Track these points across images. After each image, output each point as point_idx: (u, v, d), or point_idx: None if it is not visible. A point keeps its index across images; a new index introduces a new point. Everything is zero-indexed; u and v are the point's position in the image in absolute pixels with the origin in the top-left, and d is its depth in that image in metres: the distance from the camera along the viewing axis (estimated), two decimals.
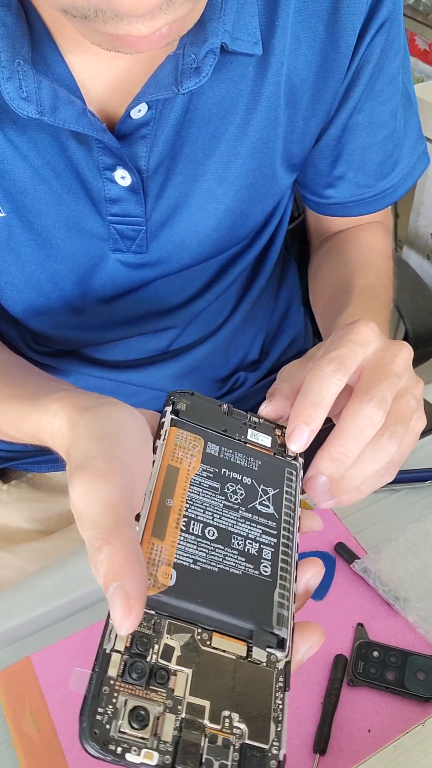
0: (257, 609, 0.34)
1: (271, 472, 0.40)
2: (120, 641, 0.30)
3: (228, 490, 0.38)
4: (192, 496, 0.36)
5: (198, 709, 0.30)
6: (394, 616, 0.58)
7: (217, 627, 0.33)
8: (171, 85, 0.50)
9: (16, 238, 0.59)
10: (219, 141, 0.58)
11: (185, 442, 0.39)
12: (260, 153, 0.60)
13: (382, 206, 0.72)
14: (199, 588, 0.33)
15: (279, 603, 0.35)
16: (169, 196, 0.59)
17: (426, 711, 0.53)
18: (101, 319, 0.68)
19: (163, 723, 0.29)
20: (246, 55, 0.53)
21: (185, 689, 0.30)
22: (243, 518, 0.37)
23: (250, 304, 0.77)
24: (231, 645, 0.33)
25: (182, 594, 0.32)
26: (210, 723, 0.30)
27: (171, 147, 0.56)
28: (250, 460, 0.40)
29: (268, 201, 0.66)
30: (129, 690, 0.29)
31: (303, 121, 0.61)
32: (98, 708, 0.28)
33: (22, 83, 0.48)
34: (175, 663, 0.30)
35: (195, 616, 0.32)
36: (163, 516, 0.35)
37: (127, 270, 0.63)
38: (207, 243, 0.64)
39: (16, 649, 0.57)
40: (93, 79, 0.53)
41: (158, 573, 0.33)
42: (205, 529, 0.35)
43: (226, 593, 0.34)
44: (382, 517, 0.66)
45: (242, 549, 0.36)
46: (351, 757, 0.51)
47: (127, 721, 0.28)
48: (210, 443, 0.39)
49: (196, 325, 0.74)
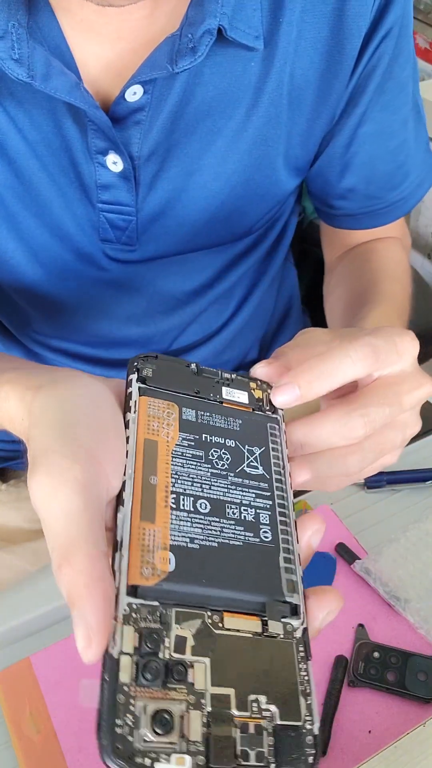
0: (265, 579, 0.32)
1: (253, 430, 0.38)
2: (127, 642, 0.27)
3: (213, 457, 0.35)
4: (176, 469, 0.34)
5: (223, 699, 0.28)
6: (395, 617, 0.58)
7: (227, 606, 0.30)
8: (166, 64, 0.50)
9: (12, 210, 0.59)
10: (218, 135, 0.57)
11: (159, 412, 0.35)
12: (259, 150, 0.60)
13: (394, 218, 0.72)
14: (201, 568, 0.31)
15: (286, 568, 0.33)
16: (162, 188, 0.59)
17: (427, 712, 0.53)
18: (98, 313, 0.68)
19: (189, 722, 0.26)
20: (247, 48, 0.53)
21: (206, 680, 0.28)
22: (234, 484, 0.35)
23: (252, 306, 0.77)
24: (244, 623, 0.30)
25: (185, 577, 0.30)
26: (238, 711, 0.28)
27: (167, 136, 0.56)
28: (230, 420, 0.37)
29: (266, 201, 0.65)
30: (146, 693, 0.26)
31: (306, 123, 0.60)
32: (116, 720, 0.25)
33: (14, 44, 0.48)
34: (191, 654, 0.28)
35: (202, 598, 0.30)
36: (150, 496, 0.32)
37: (115, 262, 0.63)
38: (199, 237, 0.63)
39: (15, 650, 0.57)
40: (92, 58, 0.53)
41: (155, 559, 0.30)
42: (196, 502, 0.33)
43: (231, 568, 0.32)
44: (382, 517, 0.66)
45: (239, 517, 0.33)
46: (351, 758, 0.50)
47: (150, 728, 0.25)
48: (185, 408, 0.36)
49: (197, 326, 0.73)
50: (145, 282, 0.66)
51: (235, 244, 0.69)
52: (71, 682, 0.54)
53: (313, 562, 0.62)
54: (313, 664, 0.31)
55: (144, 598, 0.29)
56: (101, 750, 0.25)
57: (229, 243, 0.67)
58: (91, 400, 0.34)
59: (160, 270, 0.65)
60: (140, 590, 0.29)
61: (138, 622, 0.28)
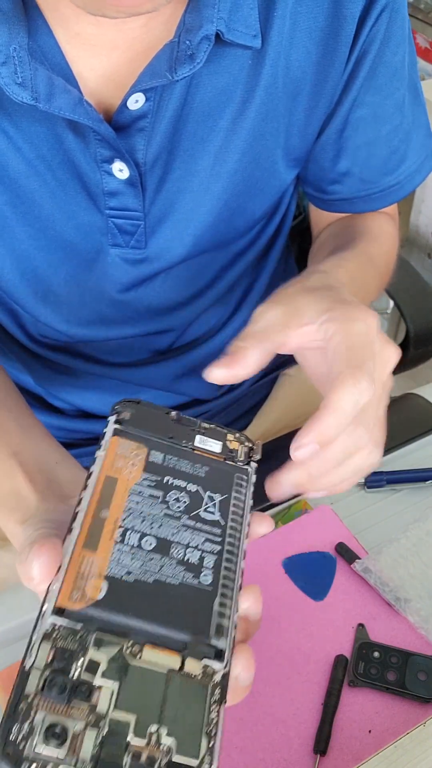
0: (194, 619, 0.33)
1: (219, 478, 0.39)
2: (41, 657, 0.29)
3: (170, 499, 0.36)
4: (131, 506, 0.35)
5: (122, 724, 0.28)
6: (395, 617, 0.58)
7: (149, 639, 0.31)
8: (165, 72, 0.50)
9: (9, 228, 0.59)
10: (216, 134, 0.57)
11: (127, 452, 0.37)
12: (257, 145, 0.60)
13: (389, 202, 0.71)
14: (130, 599, 0.32)
15: (219, 612, 0.34)
16: (167, 191, 0.59)
17: (427, 712, 0.53)
18: (100, 315, 0.68)
19: (82, 740, 0.27)
20: (244, 47, 0.53)
21: (110, 704, 0.29)
22: (185, 526, 0.36)
23: (252, 303, 0.76)
24: (163, 657, 0.31)
25: (112, 606, 0.31)
26: (135, 738, 0.28)
27: (169, 140, 0.56)
28: (197, 466, 0.38)
29: (267, 195, 0.65)
30: (47, 707, 0.28)
31: (304, 113, 0.60)
32: (12, 726, 0.27)
33: (17, 68, 0.48)
34: (100, 677, 0.29)
35: (125, 628, 0.31)
36: (97, 528, 0.34)
37: (125, 266, 0.63)
38: (205, 238, 0.64)
39: (15, 649, 0.57)
40: (90, 71, 0.53)
41: (87, 586, 0.31)
42: (142, 539, 0.34)
43: (161, 604, 0.32)
44: (382, 517, 0.66)
45: (182, 558, 0.34)
46: (351, 758, 0.50)
47: (42, 738, 0.27)
48: (154, 451, 0.38)
49: (198, 325, 0.73)
50: (149, 284, 0.66)
51: (236, 242, 0.69)
52: None
53: (314, 562, 0.62)
54: (314, 664, 0.32)
55: (68, 619, 0.30)
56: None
57: (232, 241, 0.67)
58: None
59: (164, 276, 0.65)
60: (66, 612, 0.30)
61: (57, 641, 0.29)
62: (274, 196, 0.66)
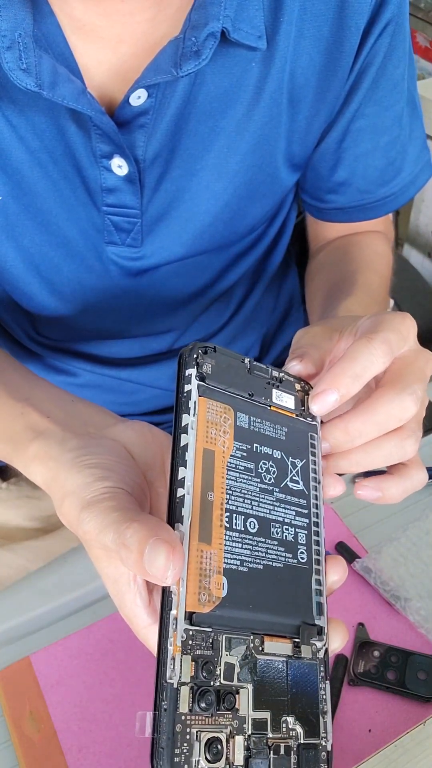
0: (300, 601, 0.32)
1: (296, 440, 0.36)
2: (186, 671, 0.28)
3: (261, 470, 0.34)
4: (231, 483, 0.32)
5: (261, 723, 0.29)
6: (395, 616, 0.58)
7: (267, 630, 0.31)
8: (170, 68, 0.50)
9: (13, 220, 0.59)
10: (218, 135, 0.57)
11: (216, 417, 0.33)
12: (261, 150, 0.60)
13: (384, 212, 0.72)
14: (248, 592, 0.31)
15: (317, 590, 0.33)
16: (166, 190, 0.59)
17: (427, 711, 0.53)
18: (100, 314, 0.68)
19: (233, 748, 0.28)
20: (249, 48, 0.53)
21: (248, 706, 0.29)
22: (278, 500, 0.34)
23: (252, 305, 0.76)
24: (281, 646, 0.31)
25: (236, 603, 0.30)
26: (272, 734, 0.29)
27: (170, 138, 0.56)
28: (277, 427, 0.35)
29: (268, 199, 0.65)
30: (200, 721, 0.27)
31: (305, 120, 0.60)
32: (175, 750, 0.26)
33: (22, 54, 0.48)
34: (237, 680, 0.29)
35: (249, 623, 0.30)
36: (207, 515, 0.30)
37: (120, 264, 0.63)
38: (203, 238, 0.64)
39: (15, 649, 0.57)
40: (96, 64, 0.53)
41: (211, 585, 0.30)
42: (246, 521, 0.32)
43: (273, 591, 0.32)
44: (382, 516, 0.66)
45: (281, 537, 0.33)
46: (351, 758, 0.50)
47: (203, 756, 0.27)
48: (239, 413, 0.34)
49: (198, 326, 0.73)
50: (148, 284, 0.66)
51: (236, 244, 0.69)
52: (71, 681, 0.54)
53: None
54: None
55: (199, 625, 0.29)
56: None
57: (231, 243, 0.67)
58: (119, 468, 0.37)
59: (162, 275, 0.65)
60: (196, 617, 0.29)
61: (194, 650, 0.28)
62: (275, 199, 0.67)
